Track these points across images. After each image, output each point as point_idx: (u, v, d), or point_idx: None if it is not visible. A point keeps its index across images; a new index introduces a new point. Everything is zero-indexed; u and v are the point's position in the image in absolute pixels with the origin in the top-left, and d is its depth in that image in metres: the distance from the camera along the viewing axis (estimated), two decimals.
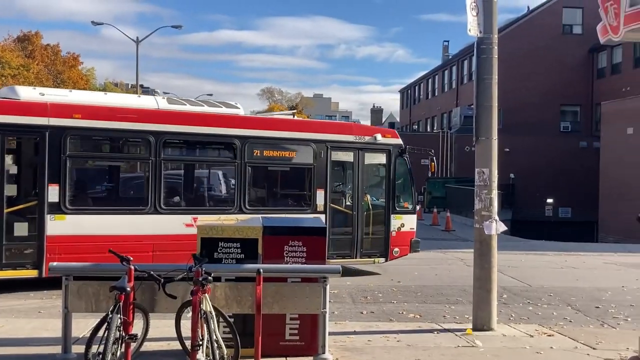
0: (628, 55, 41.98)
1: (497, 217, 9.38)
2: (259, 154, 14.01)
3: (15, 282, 12.08)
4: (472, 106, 10.03)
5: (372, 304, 11.88)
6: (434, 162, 17.28)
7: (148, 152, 13.05)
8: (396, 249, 15.19)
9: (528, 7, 54.32)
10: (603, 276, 16.60)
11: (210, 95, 57.05)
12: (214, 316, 6.46)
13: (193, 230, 10.35)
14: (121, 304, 6.17)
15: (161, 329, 8.03)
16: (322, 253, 7.67)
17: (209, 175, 15.46)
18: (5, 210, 11.84)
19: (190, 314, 6.35)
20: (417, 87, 69.03)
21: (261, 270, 6.77)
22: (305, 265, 7.44)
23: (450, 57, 61.61)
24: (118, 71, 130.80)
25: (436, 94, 60.29)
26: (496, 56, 9.47)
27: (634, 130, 30.87)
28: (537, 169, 43.10)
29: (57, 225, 12.09)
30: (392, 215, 15.11)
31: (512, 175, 41.57)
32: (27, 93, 12.70)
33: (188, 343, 6.47)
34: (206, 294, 6.35)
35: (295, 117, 16.50)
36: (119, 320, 6.12)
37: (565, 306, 12.26)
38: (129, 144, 13.91)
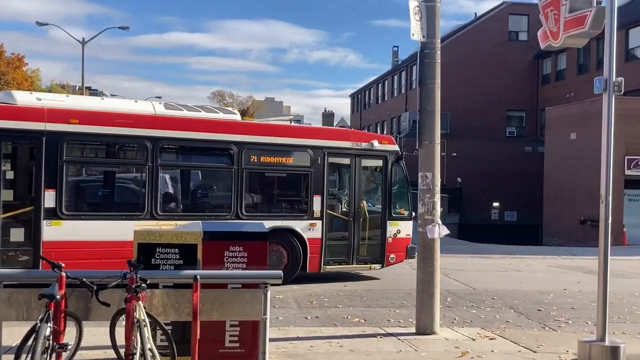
0: (572, 62, 42.91)
1: (440, 221, 9.41)
2: (255, 160, 14.07)
3: None
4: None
5: (317, 309, 11.80)
6: None
7: (145, 157, 13.03)
8: (392, 255, 15.25)
9: (475, 14, 55.19)
10: (546, 279, 16.88)
11: (159, 97, 56.22)
12: (148, 324, 6.28)
13: None
14: (51, 312, 5.94)
15: (99, 337, 7.77)
16: (263, 258, 7.54)
17: (205, 181, 15.41)
18: (2, 216, 11.80)
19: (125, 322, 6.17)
20: (367, 92, 69.43)
21: (198, 277, 6.60)
22: (245, 271, 7.31)
23: (399, 62, 62.11)
24: (67, 73, 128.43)
25: (386, 99, 60.73)
26: (439, 61, 9.51)
27: (577, 136, 31.52)
28: (483, 173, 43.72)
29: (53, 231, 12.05)
30: (388, 222, 15.17)
31: (459, 180, 42.12)
32: (24, 98, 12.65)
33: (123, 351, 6.28)
34: (140, 302, 6.17)
35: (292, 124, 16.53)
36: (49, 330, 5.88)
37: (508, 309, 12.39)
38: (126, 150, 13.85)
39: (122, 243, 11.71)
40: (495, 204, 43.23)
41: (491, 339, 9.51)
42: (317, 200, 14.38)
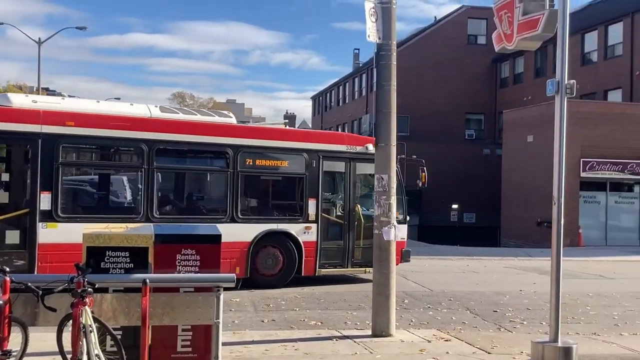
0: (529, 65, 43.54)
1: (395, 223, 9.41)
2: (251, 163, 14.08)
3: None
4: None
5: (274, 312, 11.72)
6: (424, 172, 17.11)
7: (141, 160, 13.02)
8: None
9: (435, 18, 55.61)
10: (502, 280, 17.04)
11: (118, 99, 55.45)
12: (95, 329, 6.13)
13: None
14: None
15: (49, 343, 7.56)
16: (216, 261, 7.41)
17: (201, 184, 15.30)
18: None
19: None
20: (328, 94, 69.48)
21: (147, 281, 6.47)
22: (197, 274, 7.19)
23: (360, 65, 62.29)
24: (25, 74, 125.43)
25: (347, 101, 60.86)
26: (395, 63, 9.52)
27: (534, 138, 31.93)
28: (443, 176, 43.95)
29: (48, 234, 12.00)
30: None
31: (419, 182, 42.31)
32: (19, 100, 12.65)
33: (70, 357, 6.11)
34: (86, 307, 6.01)
35: (287, 127, 16.52)
36: None
37: (464, 310, 12.45)
38: (122, 152, 13.81)
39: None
40: (454, 206, 43.57)
41: (447, 340, 9.53)
42: (312, 204, 14.48)
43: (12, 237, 11.99)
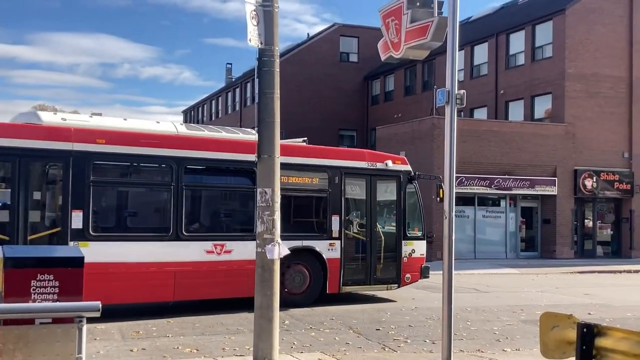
0: (399, 83, 44.47)
1: (280, 240, 8.79)
2: None
3: None
4: (255, 128, 9.44)
5: (144, 339, 10.74)
6: (442, 188, 16.39)
7: (170, 177, 13.03)
8: (408, 275, 15.46)
9: (308, 34, 55.99)
10: (390, 295, 16.73)
11: None
12: None
13: (213, 257, 12.89)
14: None
15: None
16: (78, 287, 6.51)
17: (227, 201, 15.01)
18: (29, 237, 11.59)
19: None
20: (200, 108, 68.17)
21: None
22: (56, 303, 6.24)
23: (233, 79, 61.58)
24: None
25: (220, 116, 59.88)
26: (278, 69, 8.94)
27: (407, 154, 32.42)
28: None
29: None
30: (403, 241, 15.44)
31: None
32: (49, 118, 12.64)
33: None
34: None
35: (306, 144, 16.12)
36: None
37: (347, 330, 12.01)
38: (151, 170, 13.64)
39: (147, 264, 12.29)
40: None
41: None
42: (335, 220, 14.55)
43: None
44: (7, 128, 12.05)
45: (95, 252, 11.41)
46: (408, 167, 15.89)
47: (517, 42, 34.21)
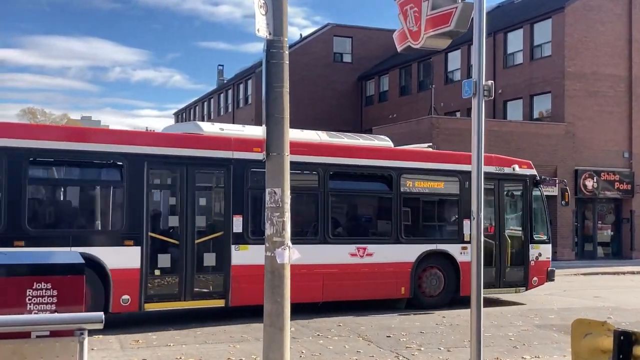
0: (394, 84, 44.02)
1: (290, 243, 8.24)
2: (411, 185, 14.69)
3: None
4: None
5: (144, 349, 10.16)
6: (567, 191, 16.92)
7: (316, 183, 13.61)
8: (535, 278, 15.73)
9: (301, 35, 55.46)
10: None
11: None
12: None
13: (356, 260, 13.63)
14: None
15: None
16: (78, 297, 5.93)
17: (367, 206, 15.40)
18: (196, 241, 12.29)
19: None
20: (192, 110, 67.48)
21: None
22: (54, 314, 5.67)
23: (225, 81, 60.96)
24: None
25: (212, 117, 59.21)
26: (287, 62, 8.40)
27: None
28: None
29: (241, 255, 12.52)
30: (530, 245, 15.68)
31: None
32: (209, 128, 13.41)
33: None
34: None
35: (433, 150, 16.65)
36: None
37: (356, 337, 11.45)
38: (301, 176, 13.76)
39: (299, 267, 11.82)
40: None
41: None
42: (466, 224, 14.50)
43: (209, 259, 12.51)
44: (175, 139, 12.71)
45: (254, 255, 11.84)
46: (534, 171, 16.15)
47: (516, 40, 33.79)
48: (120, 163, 11.86)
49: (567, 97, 30.69)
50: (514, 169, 15.62)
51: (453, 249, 14.74)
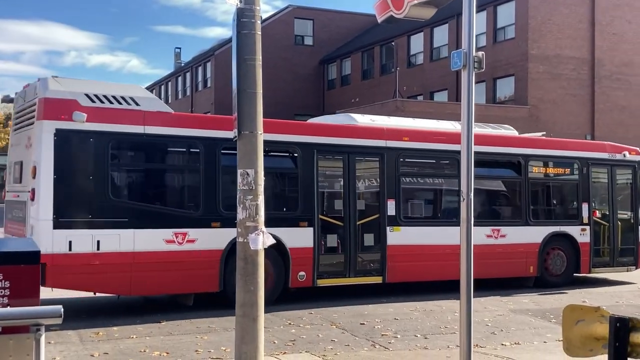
0: (356, 67, 43.58)
1: (264, 228, 7.67)
2: (537, 171, 15.79)
3: None
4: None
5: (105, 342, 9.52)
6: None
7: (456, 169, 13.85)
8: None
9: (261, 17, 54.45)
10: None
11: None
12: None
13: (492, 241, 14.63)
14: None
15: None
16: (34, 289, 5.31)
17: (500, 190, 16.18)
18: (358, 222, 13.34)
19: None
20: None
21: None
22: (7, 308, 5.05)
23: (182, 64, 59.76)
24: None
25: (170, 101, 58.00)
26: (260, 32, 7.85)
27: None
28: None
29: (394, 236, 13.54)
30: (639, 227, 16.67)
31: None
32: (361, 119, 14.36)
33: None
34: None
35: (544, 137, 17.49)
36: None
37: (329, 325, 10.98)
38: (441, 163, 15.00)
39: (443, 247, 13.78)
40: None
41: None
42: (585, 207, 15.91)
43: (369, 239, 13.50)
44: (337, 129, 13.75)
45: (406, 235, 13.57)
46: None
47: (479, 23, 33.48)
48: (295, 153, 12.95)
49: (531, 80, 30.68)
50: (624, 156, 16.66)
51: (573, 231, 15.80)
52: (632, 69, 33.17)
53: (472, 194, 6.59)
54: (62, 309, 5.08)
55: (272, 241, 7.84)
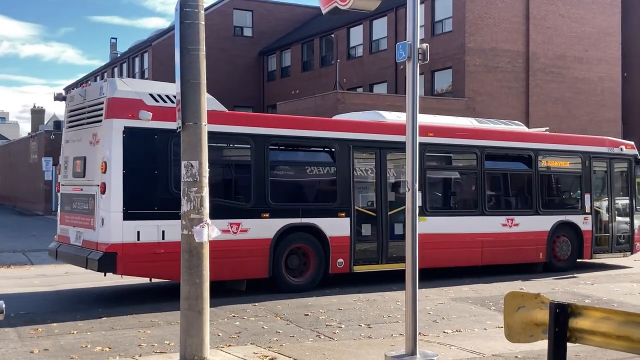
0: (296, 59, 43.52)
1: (209, 220, 7.62)
2: (546, 164, 16.86)
3: None
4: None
5: (45, 338, 9.28)
6: None
7: (475, 163, 15.68)
8: (638, 244, 18.04)
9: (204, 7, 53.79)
10: None
11: None
12: None
13: (506, 229, 15.75)
14: None
15: None
16: None
17: (513, 183, 17.21)
18: (389, 213, 14.27)
19: None
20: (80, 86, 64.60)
21: None
22: None
23: (118, 54, 58.57)
24: None
25: None
26: (203, 22, 7.78)
27: None
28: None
29: (421, 226, 13.02)
30: (635, 215, 17.96)
31: None
32: (389, 116, 15.30)
33: None
34: None
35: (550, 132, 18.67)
36: None
37: (273, 316, 10.97)
38: (463, 157, 16.22)
39: (464, 235, 15.09)
40: None
41: (272, 359, 7.97)
42: (587, 198, 17.11)
43: (399, 228, 14.07)
44: (368, 126, 14.63)
45: (431, 225, 14.24)
46: (635, 152, 18.32)
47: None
48: (333, 148, 13.81)
49: (468, 73, 31.19)
50: (621, 149, 17.87)
51: (577, 219, 16.99)
52: (565, 62, 34.10)
53: (417, 185, 6.66)
54: (4, 304, 4.94)
55: (217, 233, 7.79)
